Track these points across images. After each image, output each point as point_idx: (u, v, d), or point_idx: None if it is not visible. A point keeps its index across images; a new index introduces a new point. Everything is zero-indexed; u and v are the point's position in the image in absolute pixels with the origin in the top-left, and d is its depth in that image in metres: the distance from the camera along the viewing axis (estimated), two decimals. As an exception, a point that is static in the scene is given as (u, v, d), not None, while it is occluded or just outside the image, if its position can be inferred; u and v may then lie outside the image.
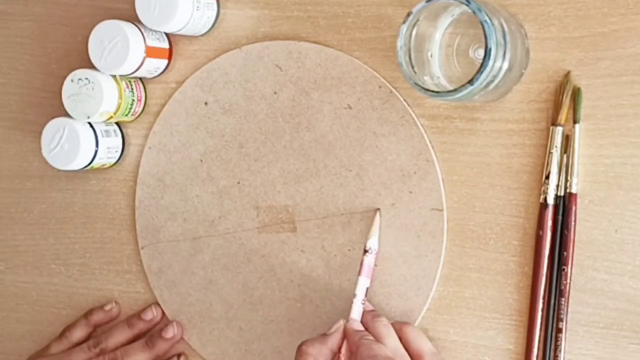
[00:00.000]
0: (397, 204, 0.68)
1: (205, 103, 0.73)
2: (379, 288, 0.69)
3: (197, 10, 0.69)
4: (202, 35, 0.73)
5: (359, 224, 0.69)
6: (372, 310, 0.68)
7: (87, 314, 0.78)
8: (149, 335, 0.75)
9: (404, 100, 0.67)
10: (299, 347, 0.64)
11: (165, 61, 0.73)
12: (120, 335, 0.76)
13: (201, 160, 0.74)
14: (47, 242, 0.80)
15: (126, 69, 0.70)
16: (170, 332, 0.75)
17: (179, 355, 0.75)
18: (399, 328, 0.66)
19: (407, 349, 0.65)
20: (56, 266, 0.80)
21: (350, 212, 0.69)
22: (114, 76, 0.72)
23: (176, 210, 0.75)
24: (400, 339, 0.65)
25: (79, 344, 0.76)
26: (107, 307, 0.78)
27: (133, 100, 0.74)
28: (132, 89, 0.73)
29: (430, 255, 0.67)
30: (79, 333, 0.77)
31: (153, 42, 0.71)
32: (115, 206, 0.77)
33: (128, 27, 0.69)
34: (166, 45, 0.73)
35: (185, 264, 0.75)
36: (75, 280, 0.79)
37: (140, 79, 0.75)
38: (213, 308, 0.74)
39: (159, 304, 0.76)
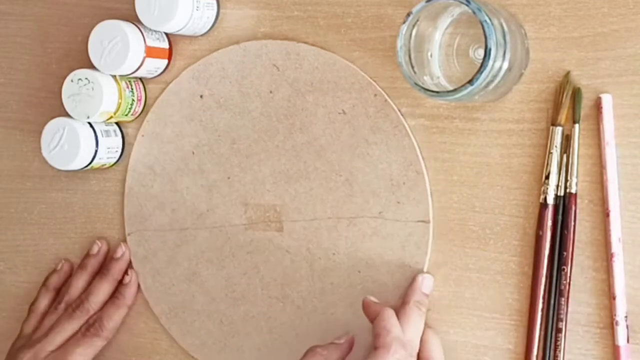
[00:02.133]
0: (385, 212, 0.68)
1: (201, 96, 0.73)
2: (361, 295, 0.68)
3: (197, 10, 0.69)
4: (202, 35, 0.73)
5: (345, 229, 0.69)
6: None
7: (44, 281, 0.78)
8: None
9: (398, 110, 0.67)
10: (311, 348, 0.63)
11: (165, 61, 0.73)
12: (79, 282, 0.76)
13: (193, 153, 0.73)
14: (47, 242, 0.80)
15: (126, 69, 0.70)
16: (120, 252, 0.75)
17: (126, 271, 0.75)
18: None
19: (420, 349, 0.64)
20: (56, 266, 0.80)
21: (338, 216, 0.69)
22: (114, 76, 0.72)
23: (165, 200, 0.75)
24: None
25: (47, 312, 0.77)
26: (58, 267, 0.78)
27: (133, 100, 0.74)
28: (132, 89, 0.73)
29: (413, 267, 0.67)
30: (43, 302, 0.77)
31: (153, 42, 0.71)
32: (115, 206, 0.77)
33: (128, 27, 0.69)
34: (166, 45, 0.73)
35: (171, 254, 0.75)
36: (75, 280, 0.79)
37: (140, 79, 0.75)
38: (195, 300, 0.74)
39: (103, 239, 0.77)
